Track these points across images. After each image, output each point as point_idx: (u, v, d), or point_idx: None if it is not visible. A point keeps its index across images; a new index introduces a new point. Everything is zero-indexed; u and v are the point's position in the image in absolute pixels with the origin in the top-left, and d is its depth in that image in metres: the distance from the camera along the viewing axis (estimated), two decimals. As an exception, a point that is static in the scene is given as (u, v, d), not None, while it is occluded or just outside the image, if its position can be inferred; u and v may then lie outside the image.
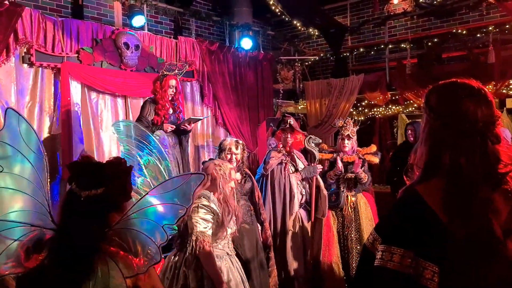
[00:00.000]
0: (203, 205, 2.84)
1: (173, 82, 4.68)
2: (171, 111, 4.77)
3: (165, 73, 4.70)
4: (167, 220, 1.62)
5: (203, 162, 3.21)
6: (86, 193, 1.60)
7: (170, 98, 4.71)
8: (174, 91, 4.71)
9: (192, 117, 5.08)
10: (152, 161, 2.78)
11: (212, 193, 2.95)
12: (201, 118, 5.37)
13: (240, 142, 3.82)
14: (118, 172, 1.67)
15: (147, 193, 1.64)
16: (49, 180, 1.69)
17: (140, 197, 1.64)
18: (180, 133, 4.82)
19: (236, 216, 3.04)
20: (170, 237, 1.65)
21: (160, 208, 1.62)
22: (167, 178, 2.59)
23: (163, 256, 1.92)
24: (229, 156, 3.68)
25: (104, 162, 1.70)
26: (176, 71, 4.80)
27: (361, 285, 1.46)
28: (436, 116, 1.41)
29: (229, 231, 3.00)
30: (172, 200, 1.62)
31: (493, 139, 1.36)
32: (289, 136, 4.43)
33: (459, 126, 1.36)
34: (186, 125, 4.71)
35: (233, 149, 3.69)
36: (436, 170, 1.36)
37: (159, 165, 2.49)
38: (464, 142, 1.35)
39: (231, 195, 3.07)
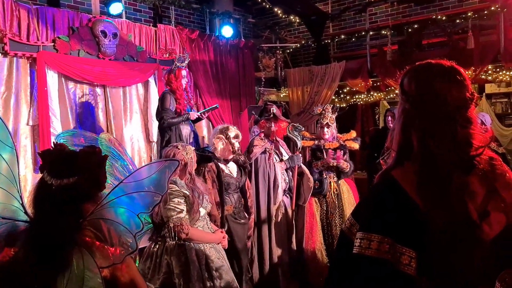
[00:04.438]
0: (173, 191, 2.85)
1: (184, 72, 5.03)
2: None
3: (178, 64, 5.00)
4: (142, 208, 1.59)
5: (164, 148, 3.21)
6: (58, 181, 1.56)
7: (184, 88, 5.01)
8: (186, 81, 5.05)
9: (206, 108, 5.49)
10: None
11: (178, 177, 2.97)
12: (212, 108, 5.55)
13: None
14: (92, 161, 1.62)
15: (121, 182, 1.61)
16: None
17: (114, 186, 1.60)
18: (194, 122, 5.16)
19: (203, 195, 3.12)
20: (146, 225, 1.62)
21: (135, 196, 1.59)
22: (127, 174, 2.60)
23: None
24: (237, 145, 3.74)
25: (78, 150, 1.65)
26: (186, 62, 5.15)
27: (338, 270, 1.45)
28: (407, 97, 1.39)
29: (203, 211, 3.04)
30: (146, 188, 1.59)
31: (464, 123, 1.34)
32: (273, 125, 4.42)
33: (429, 108, 1.34)
34: (203, 114, 5.15)
35: (240, 137, 3.80)
36: (408, 154, 1.35)
37: (116, 164, 2.46)
38: (433, 125, 1.32)
39: (196, 177, 3.18)
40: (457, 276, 1.30)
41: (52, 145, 1.65)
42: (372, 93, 7.48)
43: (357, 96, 7.77)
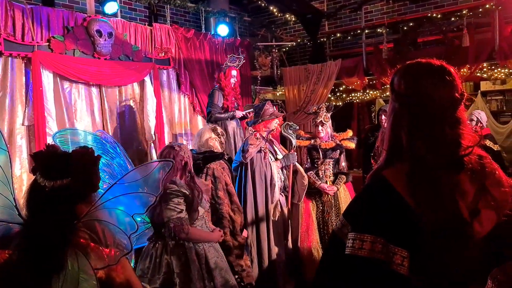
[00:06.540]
0: (172, 191, 2.85)
1: (234, 72, 5.33)
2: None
3: (229, 64, 5.30)
4: (137, 209, 1.59)
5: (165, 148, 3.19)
6: (52, 183, 1.55)
7: (232, 87, 5.30)
8: (235, 80, 5.32)
9: (248, 104, 5.86)
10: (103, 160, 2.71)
11: (178, 177, 2.97)
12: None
13: None
14: (85, 162, 1.62)
15: (115, 183, 1.61)
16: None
17: (108, 187, 1.60)
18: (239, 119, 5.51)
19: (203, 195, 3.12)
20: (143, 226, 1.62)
21: (129, 198, 1.59)
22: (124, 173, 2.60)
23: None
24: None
25: (71, 151, 1.65)
26: (238, 62, 5.42)
27: (331, 270, 1.45)
28: (396, 96, 1.39)
29: (201, 211, 3.04)
30: (141, 189, 1.59)
31: (453, 123, 1.33)
32: (275, 122, 4.44)
33: (417, 107, 1.33)
34: (248, 113, 5.40)
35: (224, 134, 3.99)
36: (399, 154, 1.34)
37: (113, 163, 2.46)
38: (422, 125, 1.32)
39: (196, 176, 3.19)
40: (452, 275, 1.30)
41: (45, 147, 1.64)
42: (368, 91, 7.49)
43: (353, 94, 7.78)
